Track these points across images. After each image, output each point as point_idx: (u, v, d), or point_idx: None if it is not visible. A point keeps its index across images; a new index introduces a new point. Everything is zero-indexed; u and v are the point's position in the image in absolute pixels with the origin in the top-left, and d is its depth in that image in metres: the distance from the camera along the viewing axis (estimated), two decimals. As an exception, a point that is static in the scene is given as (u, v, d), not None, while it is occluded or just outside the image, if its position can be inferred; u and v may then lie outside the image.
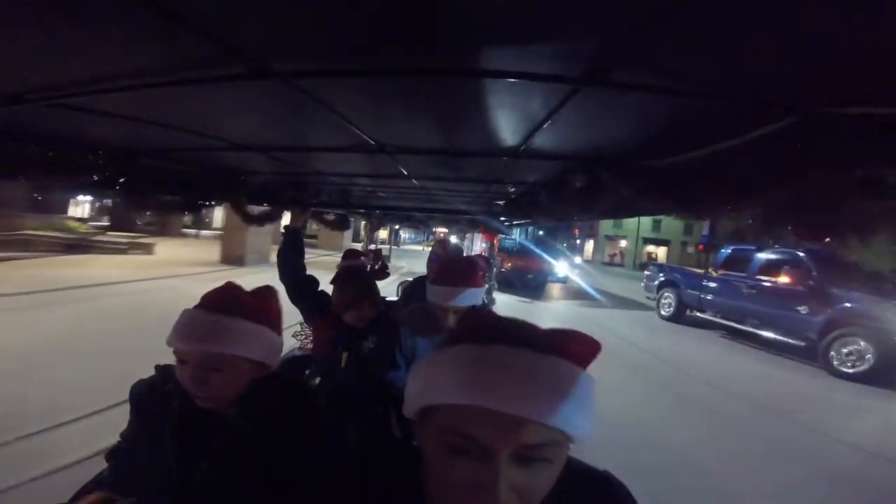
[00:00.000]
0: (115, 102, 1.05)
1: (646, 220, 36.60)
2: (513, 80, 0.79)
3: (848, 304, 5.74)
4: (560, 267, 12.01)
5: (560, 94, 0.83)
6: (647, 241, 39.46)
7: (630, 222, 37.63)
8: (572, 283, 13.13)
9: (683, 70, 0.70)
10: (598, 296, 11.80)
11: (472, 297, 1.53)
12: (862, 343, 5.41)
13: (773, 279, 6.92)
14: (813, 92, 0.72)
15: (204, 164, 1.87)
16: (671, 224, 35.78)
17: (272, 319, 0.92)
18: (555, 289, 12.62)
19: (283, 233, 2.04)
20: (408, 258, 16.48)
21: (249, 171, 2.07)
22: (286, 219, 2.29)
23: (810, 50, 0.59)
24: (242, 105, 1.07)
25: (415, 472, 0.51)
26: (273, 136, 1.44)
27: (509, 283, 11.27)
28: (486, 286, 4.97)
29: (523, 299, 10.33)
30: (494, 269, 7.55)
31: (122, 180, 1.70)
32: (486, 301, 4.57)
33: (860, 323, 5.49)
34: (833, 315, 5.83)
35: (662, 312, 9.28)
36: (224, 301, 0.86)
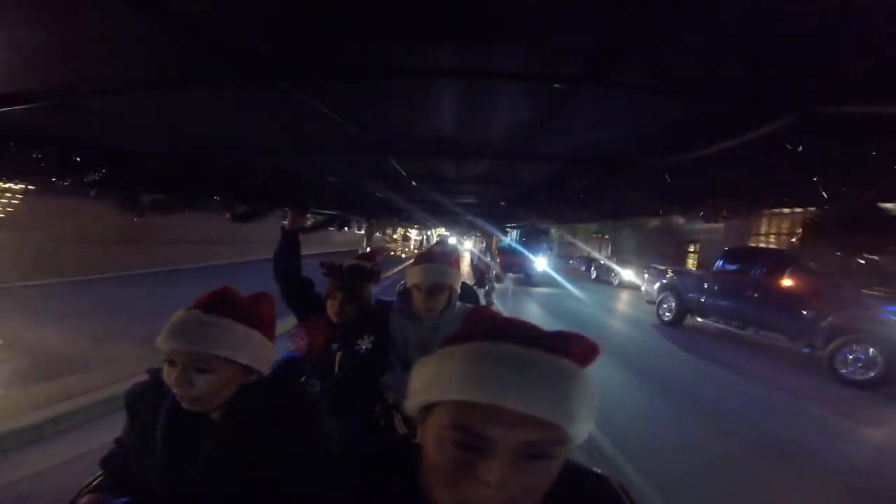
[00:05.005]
0: (114, 103, 1.05)
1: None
2: (513, 79, 0.79)
3: (853, 308, 5.44)
4: (539, 263, 14.28)
5: (560, 93, 0.83)
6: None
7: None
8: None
9: (683, 70, 0.70)
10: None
11: (441, 273, 1.51)
12: (871, 350, 5.09)
13: (776, 281, 6.53)
14: (813, 91, 0.72)
15: (201, 164, 1.87)
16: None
17: (264, 324, 0.90)
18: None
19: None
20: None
21: (247, 171, 2.07)
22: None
23: (810, 49, 0.58)
24: (241, 105, 1.07)
25: (413, 468, 0.51)
26: (271, 137, 1.44)
27: (499, 276, 12.85)
28: (486, 287, 4.99)
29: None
30: (494, 271, 7.57)
31: (119, 180, 1.70)
32: (487, 301, 4.59)
33: (865, 328, 5.21)
34: (836, 320, 5.53)
35: (662, 318, 8.79)
36: (215, 302, 0.85)
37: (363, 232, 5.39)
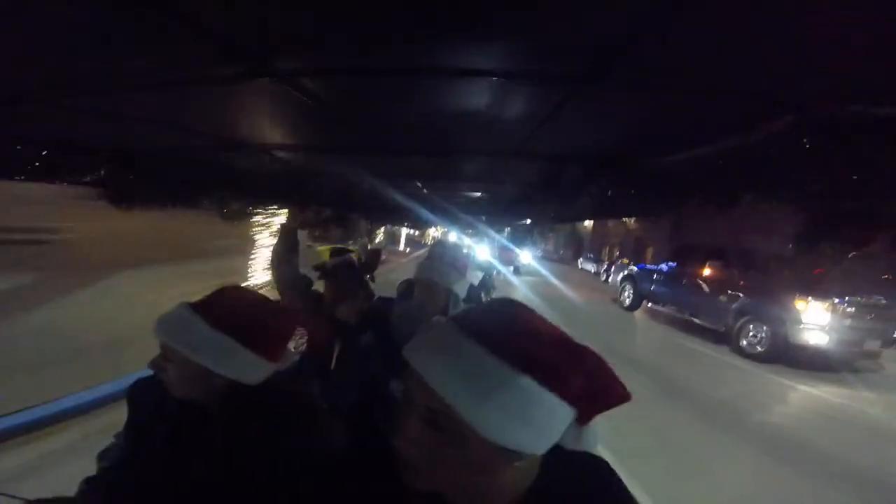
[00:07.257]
0: (114, 102, 1.05)
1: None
2: (512, 79, 0.79)
3: (753, 296, 6.87)
4: (523, 257, 16.51)
5: (560, 92, 0.83)
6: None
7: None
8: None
9: (683, 68, 0.70)
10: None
11: (443, 275, 1.54)
12: (764, 328, 6.44)
13: (700, 272, 8.04)
14: (814, 91, 0.72)
15: (201, 164, 1.87)
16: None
17: (249, 333, 0.85)
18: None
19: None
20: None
21: (247, 171, 2.06)
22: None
23: (811, 48, 0.58)
24: (241, 104, 1.07)
25: None
26: (271, 135, 1.44)
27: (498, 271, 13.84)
28: (488, 281, 4.98)
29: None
30: (494, 271, 7.63)
31: (119, 180, 1.69)
32: (485, 293, 4.58)
33: (761, 311, 6.58)
34: (741, 304, 6.98)
35: (623, 304, 10.73)
36: (202, 299, 0.87)
37: (416, 233, 5.57)
